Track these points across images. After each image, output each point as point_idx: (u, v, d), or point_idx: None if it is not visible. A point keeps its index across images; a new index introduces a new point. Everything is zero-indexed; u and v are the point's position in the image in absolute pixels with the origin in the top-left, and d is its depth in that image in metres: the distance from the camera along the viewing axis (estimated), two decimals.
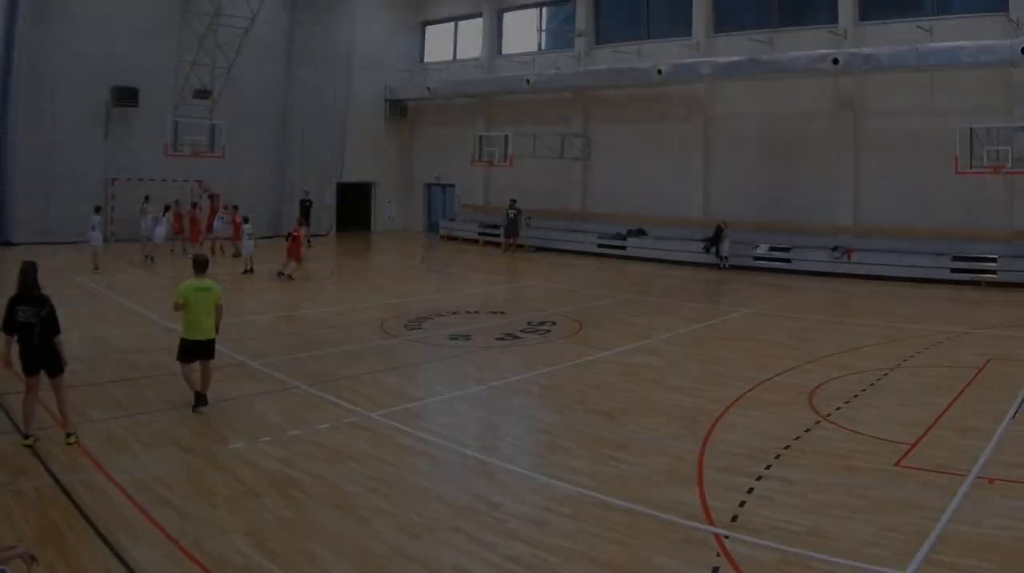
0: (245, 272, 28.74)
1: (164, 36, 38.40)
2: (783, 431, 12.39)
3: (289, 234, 29.06)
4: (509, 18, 48.05)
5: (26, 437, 11.08)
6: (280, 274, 27.97)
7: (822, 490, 10.08)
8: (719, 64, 35.17)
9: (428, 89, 47.51)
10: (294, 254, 28.18)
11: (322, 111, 45.79)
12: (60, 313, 11.44)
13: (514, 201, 40.55)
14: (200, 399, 12.93)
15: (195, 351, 13.03)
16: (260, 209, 39.75)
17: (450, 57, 50.62)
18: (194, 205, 36.58)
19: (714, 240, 34.45)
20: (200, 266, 13.22)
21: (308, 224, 35.90)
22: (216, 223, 34.62)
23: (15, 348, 11.22)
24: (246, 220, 30.54)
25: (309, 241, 32.88)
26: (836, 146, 34.24)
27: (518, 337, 19.94)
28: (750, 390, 14.98)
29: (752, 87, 36.32)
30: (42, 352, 11.13)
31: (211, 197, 37.37)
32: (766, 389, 15.12)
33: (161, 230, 32.33)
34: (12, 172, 35.53)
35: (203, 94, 37.93)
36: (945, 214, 31.16)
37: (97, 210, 30.40)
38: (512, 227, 40.30)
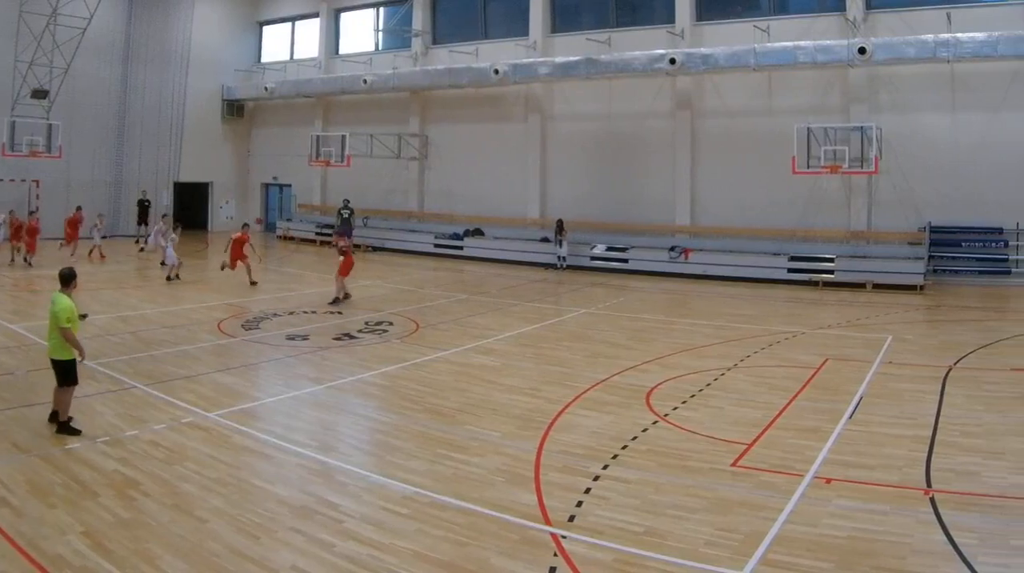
0: (169, 279, 28.45)
1: (0, 36, 37.75)
2: (620, 431, 12.74)
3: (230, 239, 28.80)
4: (346, 18, 48.71)
5: None
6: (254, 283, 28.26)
7: (659, 490, 10.41)
8: (556, 64, 36.06)
9: (265, 89, 48.20)
10: (238, 256, 28.07)
11: (159, 111, 46.65)
12: None
13: (347, 201, 40.57)
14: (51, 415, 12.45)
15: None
16: (97, 209, 39.19)
17: (287, 57, 51.12)
18: (31, 213, 35.34)
19: (557, 234, 34.81)
20: (62, 279, 12.46)
21: (146, 223, 37.44)
22: (154, 238, 33.71)
23: None
24: (176, 227, 30.55)
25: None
26: (674, 146, 35.39)
27: (355, 337, 20.22)
28: (587, 390, 15.32)
29: (590, 87, 37.25)
30: None
31: (77, 208, 36.66)
32: (603, 389, 15.48)
33: None
34: None
35: (40, 94, 38.07)
36: (783, 214, 32.52)
37: None
38: (346, 227, 40.09)
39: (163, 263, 29.98)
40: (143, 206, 42.42)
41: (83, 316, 12.64)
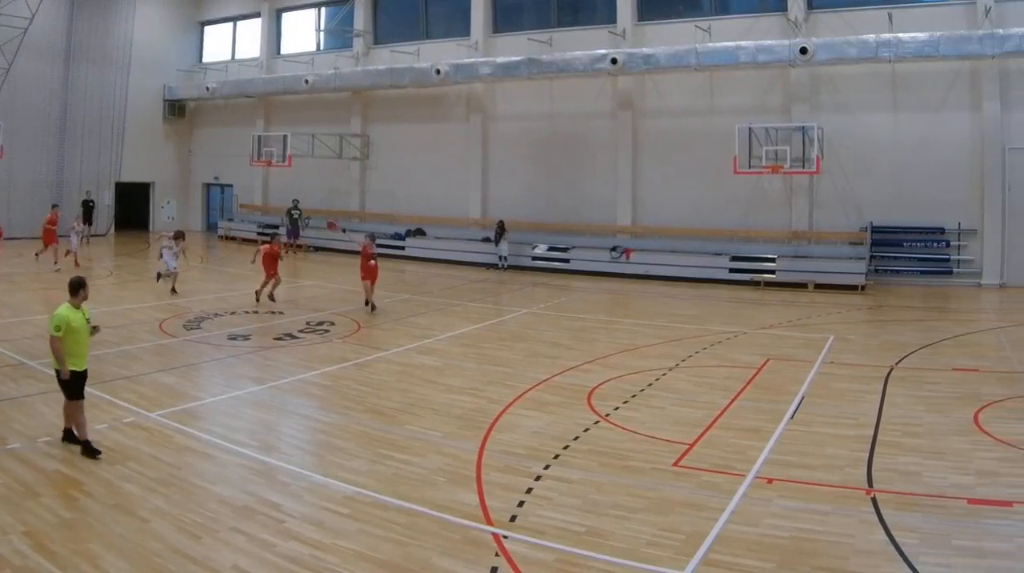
0: (175, 291, 26.58)
1: None
2: (562, 431, 12.81)
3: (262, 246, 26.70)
4: (288, 18, 48.73)
5: None
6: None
7: (601, 490, 10.48)
8: (498, 64, 36.21)
9: (207, 89, 48.14)
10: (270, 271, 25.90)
11: (101, 111, 46.46)
12: None
13: (296, 202, 40.81)
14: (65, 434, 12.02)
15: None
16: (41, 210, 38.59)
17: (229, 57, 51.02)
18: None
19: (497, 235, 34.81)
20: (69, 288, 12.06)
21: (90, 223, 37.20)
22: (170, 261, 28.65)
23: None
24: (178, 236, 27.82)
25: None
26: (616, 146, 35.64)
27: (296, 337, 20.33)
28: (529, 390, 15.40)
29: (532, 87, 37.41)
30: None
31: (53, 206, 35.84)
32: (545, 389, 15.55)
33: None
34: None
35: None
36: (724, 214, 32.85)
37: None
38: (295, 228, 40.10)
39: (160, 275, 27.10)
40: (87, 206, 42.30)
41: (95, 329, 12.08)
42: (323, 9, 46.52)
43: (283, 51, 48.35)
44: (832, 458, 11.50)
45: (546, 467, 11.19)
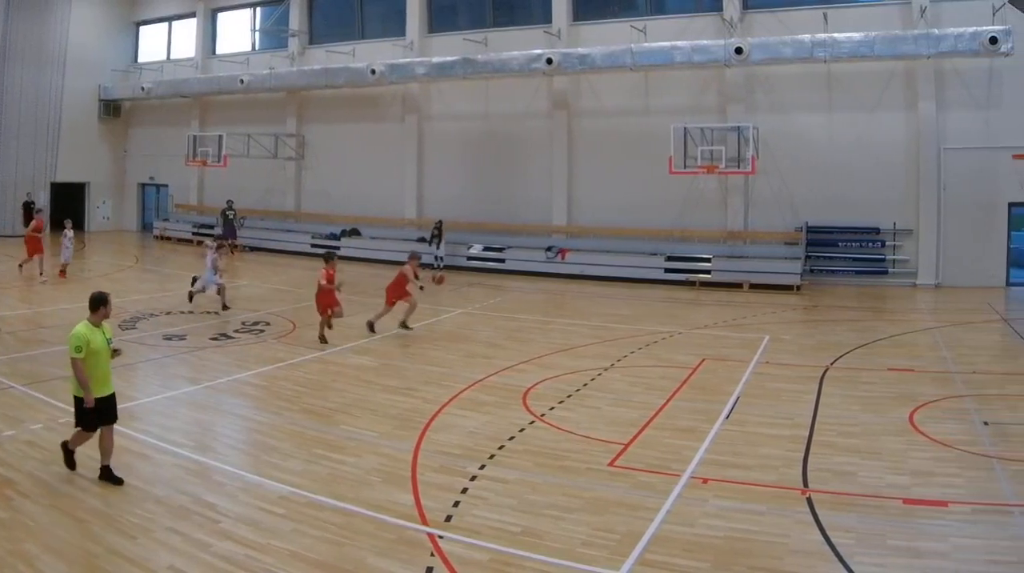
0: (224, 308, 23.85)
1: None
2: (497, 431, 12.89)
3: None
4: (223, 18, 48.62)
5: None
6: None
7: (536, 490, 10.56)
8: (433, 64, 36.32)
9: (142, 89, 48.03)
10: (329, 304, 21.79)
11: (36, 111, 46.29)
12: None
13: (231, 202, 40.64)
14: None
15: None
16: None
17: (164, 57, 50.79)
18: None
19: (435, 235, 34.77)
20: (89, 304, 10.86)
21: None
22: (212, 278, 25.33)
23: None
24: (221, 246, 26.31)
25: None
26: (551, 146, 35.87)
27: (232, 337, 20.38)
28: (465, 390, 15.48)
29: (467, 87, 37.54)
30: None
31: (36, 211, 34.97)
32: (480, 389, 15.63)
33: None
34: None
35: None
36: (660, 214, 33.11)
37: None
38: (230, 228, 39.88)
39: (193, 295, 24.44)
40: (28, 207, 41.76)
41: (116, 351, 11.02)
42: (258, 9, 46.43)
43: (218, 51, 48.23)
44: (767, 458, 11.66)
45: (481, 467, 11.25)
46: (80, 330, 10.41)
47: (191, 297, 24.33)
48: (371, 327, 20.97)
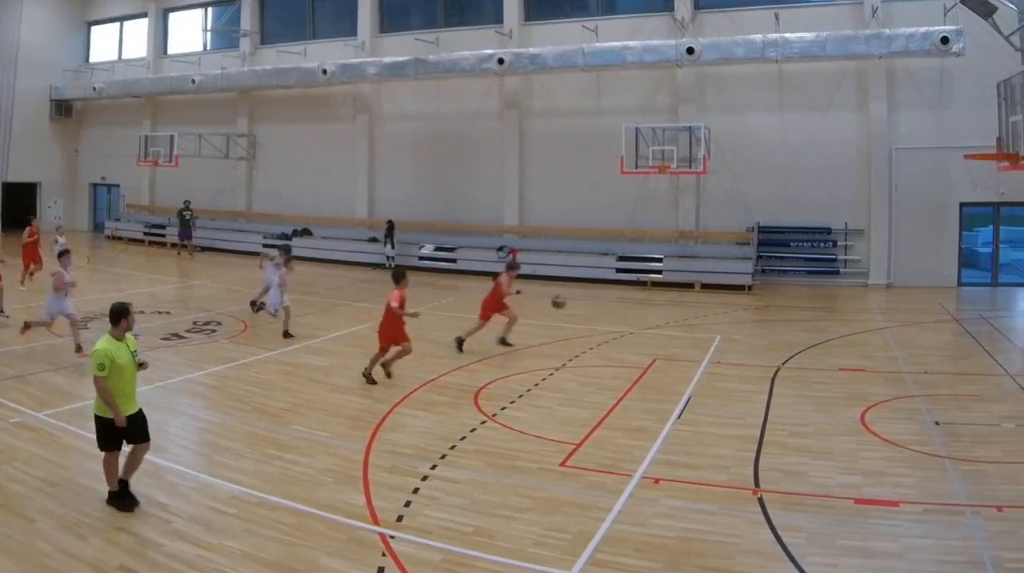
0: (286, 335, 20.96)
1: None
2: (449, 431, 12.95)
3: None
4: (175, 18, 48.49)
5: None
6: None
7: (488, 490, 10.62)
8: (384, 64, 36.34)
9: (94, 89, 47.97)
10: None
11: None
12: None
13: (188, 202, 40.54)
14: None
15: None
16: None
17: (116, 57, 50.54)
18: None
19: (387, 235, 34.72)
20: (110, 317, 10.50)
21: None
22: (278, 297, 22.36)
23: None
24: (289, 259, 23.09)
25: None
26: (503, 146, 35.98)
27: (183, 337, 20.41)
28: (416, 390, 15.54)
29: (419, 87, 37.64)
30: None
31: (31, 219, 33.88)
32: (432, 389, 15.70)
33: None
34: None
35: None
36: (612, 214, 33.26)
37: None
38: (187, 229, 40.04)
39: (265, 308, 22.35)
40: None
41: (141, 365, 10.56)
42: (210, 9, 46.36)
43: (170, 51, 48.05)
44: (719, 458, 11.78)
45: (433, 467, 11.31)
46: (102, 346, 9.96)
47: (257, 307, 23.02)
48: (460, 345, 19.25)
